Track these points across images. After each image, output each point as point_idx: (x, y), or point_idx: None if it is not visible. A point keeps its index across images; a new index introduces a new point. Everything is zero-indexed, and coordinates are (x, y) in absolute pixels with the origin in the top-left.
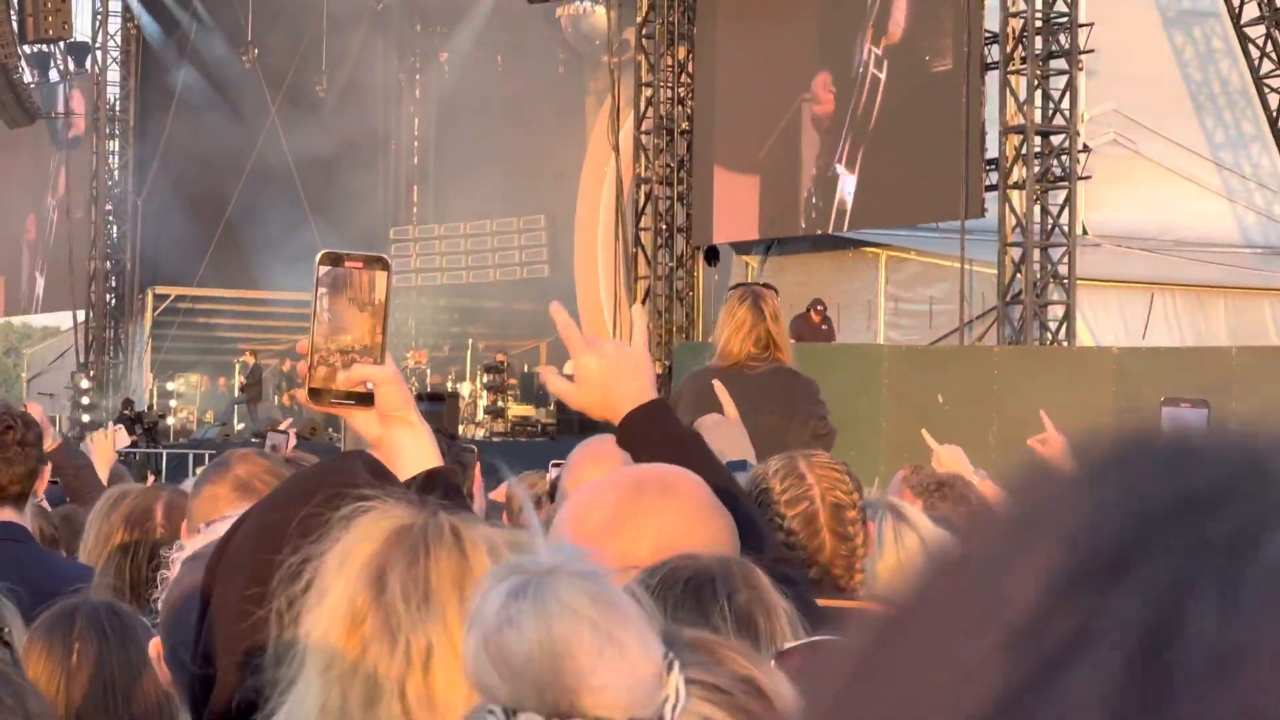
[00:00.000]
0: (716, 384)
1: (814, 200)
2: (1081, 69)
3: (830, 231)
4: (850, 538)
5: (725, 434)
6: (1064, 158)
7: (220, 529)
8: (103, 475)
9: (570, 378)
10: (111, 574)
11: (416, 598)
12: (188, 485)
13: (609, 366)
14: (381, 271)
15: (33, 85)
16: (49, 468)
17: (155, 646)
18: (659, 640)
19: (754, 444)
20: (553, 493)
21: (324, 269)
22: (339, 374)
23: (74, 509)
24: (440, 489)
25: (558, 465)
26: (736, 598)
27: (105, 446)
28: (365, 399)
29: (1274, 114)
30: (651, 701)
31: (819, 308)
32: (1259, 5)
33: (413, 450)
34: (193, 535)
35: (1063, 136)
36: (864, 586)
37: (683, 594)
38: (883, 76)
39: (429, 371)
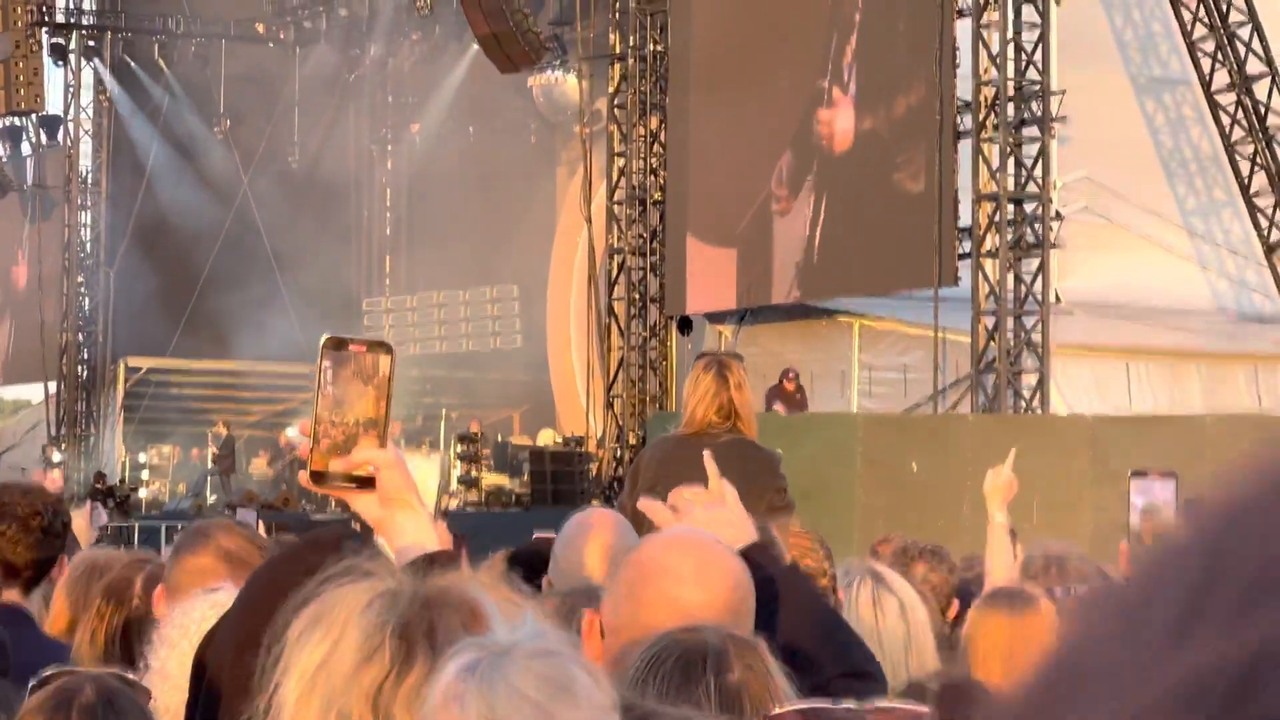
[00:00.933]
0: (707, 454)
1: (788, 270)
2: (1054, 136)
3: (804, 300)
4: None
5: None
6: (1037, 225)
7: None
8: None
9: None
10: (86, 644)
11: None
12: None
13: (705, 528)
14: (385, 355)
15: (4, 158)
16: (65, 558)
17: None
18: None
19: None
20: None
21: (327, 352)
22: (341, 455)
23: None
24: (440, 570)
25: (540, 537)
26: (726, 676)
27: (81, 528)
28: (367, 482)
29: (1245, 181)
30: None
31: (791, 375)
32: (1229, 73)
33: (413, 533)
34: (176, 604)
35: (1035, 204)
36: None
37: (672, 669)
38: (854, 145)
39: (402, 442)
